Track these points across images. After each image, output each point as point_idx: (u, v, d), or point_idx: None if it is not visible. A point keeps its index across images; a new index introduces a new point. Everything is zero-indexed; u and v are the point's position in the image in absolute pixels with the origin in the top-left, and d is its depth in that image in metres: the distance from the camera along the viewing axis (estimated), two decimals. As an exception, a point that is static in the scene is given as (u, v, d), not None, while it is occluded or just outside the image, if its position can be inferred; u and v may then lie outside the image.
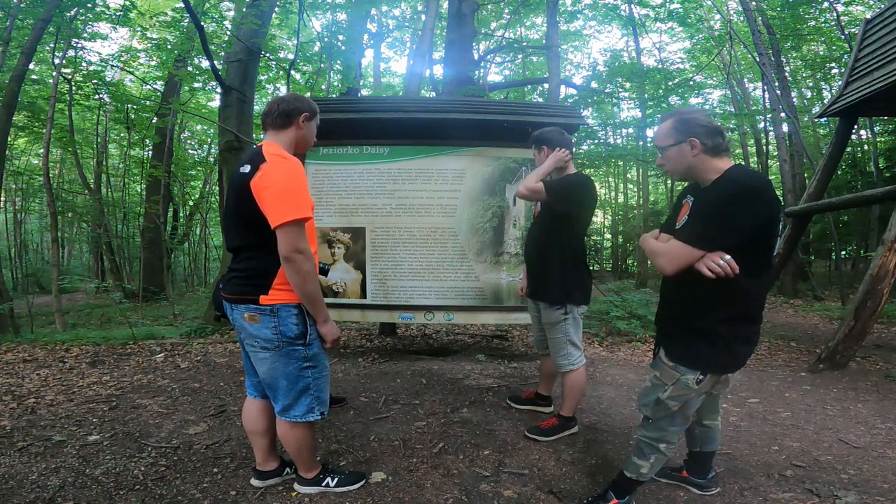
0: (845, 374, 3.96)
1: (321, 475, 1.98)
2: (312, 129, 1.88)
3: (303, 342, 1.72)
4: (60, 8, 7.10)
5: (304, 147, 1.90)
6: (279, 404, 1.79)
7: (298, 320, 1.71)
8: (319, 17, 10.95)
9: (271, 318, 1.68)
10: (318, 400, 1.80)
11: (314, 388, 1.78)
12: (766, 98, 10.92)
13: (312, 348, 1.75)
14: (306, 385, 1.77)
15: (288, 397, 1.77)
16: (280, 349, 1.71)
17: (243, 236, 1.71)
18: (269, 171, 1.60)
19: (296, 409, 1.78)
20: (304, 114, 1.80)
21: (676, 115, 1.65)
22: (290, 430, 1.83)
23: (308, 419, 1.80)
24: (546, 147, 2.50)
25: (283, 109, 1.77)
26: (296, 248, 1.58)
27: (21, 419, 2.71)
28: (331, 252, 4.07)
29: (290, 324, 1.69)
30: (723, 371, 1.68)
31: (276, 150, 1.69)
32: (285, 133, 1.79)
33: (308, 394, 1.78)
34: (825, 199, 5.77)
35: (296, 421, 1.79)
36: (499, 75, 15.41)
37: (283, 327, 1.69)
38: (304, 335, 1.72)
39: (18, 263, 15.38)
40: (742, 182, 1.52)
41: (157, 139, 11.17)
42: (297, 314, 1.70)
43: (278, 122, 1.78)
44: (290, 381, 1.75)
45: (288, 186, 1.60)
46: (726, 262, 1.48)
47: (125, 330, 5.57)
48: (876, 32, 4.74)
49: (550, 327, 2.48)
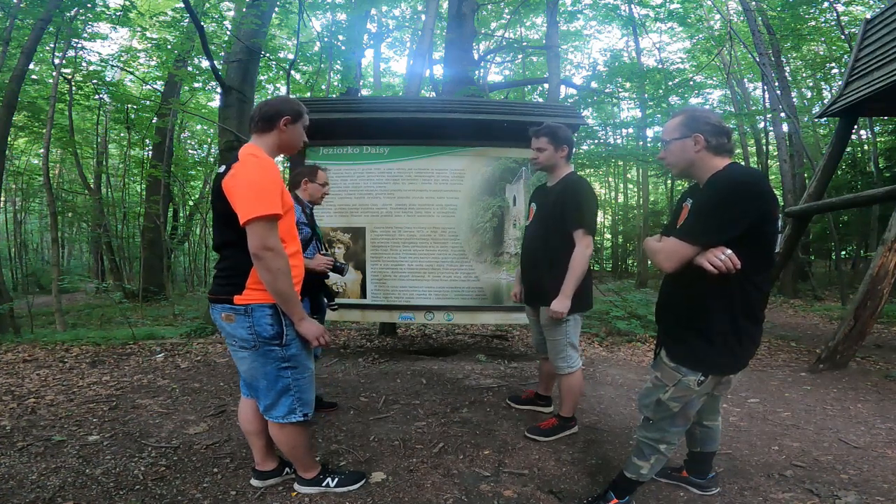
0: (845, 374, 3.96)
1: (321, 475, 1.97)
2: (297, 132, 1.84)
3: (279, 343, 1.69)
4: (60, 8, 7.10)
5: (290, 150, 1.87)
6: (262, 403, 1.79)
7: (273, 320, 1.67)
8: (319, 17, 10.94)
9: (245, 317, 1.66)
10: (300, 401, 1.78)
11: (295, 388, 1.76)
12: (766, 98, 10.93)
13: (290, 349, 1.72)
14: (286, 386, 1.74)
15: (268, 397, 1.76)
16: (257, 349, 1.69)
17: (223, 235, 1.72)
18: (240, 169, 1.61)
19: (277, 409, 1.77)
20: (285, 117, 1.77)
21: (688, 112, 1.67)
22: (279, 431, 1.82)
23: (290, 420, 1.77)
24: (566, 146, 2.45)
25: (265, 114, 1.76)
26: (264, 244, 1.56)
27: (21, 419, 2.71)
28: (331, 252, 4.07)
29: (265, 324, 1.67)
30: (724, 372, 1.68)
31: (252, 150, 1.69)
32: (268, 136, 1.78)
33: (289, 394, 1.76)
34: (825, 199, 5.76)
35: (279, 422, 1.78)
36: (499, 75, 15.43)
37: (257, 327, 1.66)
38: (279, 336, 1.68)
39: (18, 263, 15.39)
40: (734, 178, 1.52)
41: (157, 139, 11.17)
42: (271, 314, 1.67)
43: (260, 127, 1.77)
44: (269, 381, 1.73)
45: (255, 183, 1.58)
46: (727, 257, 1.47)
47: (125, 330, 5.57)
48: (876, 32, 4.74)
49: (550, 330, 2.47)
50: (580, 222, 2.31)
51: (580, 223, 2.31)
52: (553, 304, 2.33)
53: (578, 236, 2.32)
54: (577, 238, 2.32)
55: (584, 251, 2.31)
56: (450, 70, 8.13)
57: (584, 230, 2.31)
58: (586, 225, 2.31)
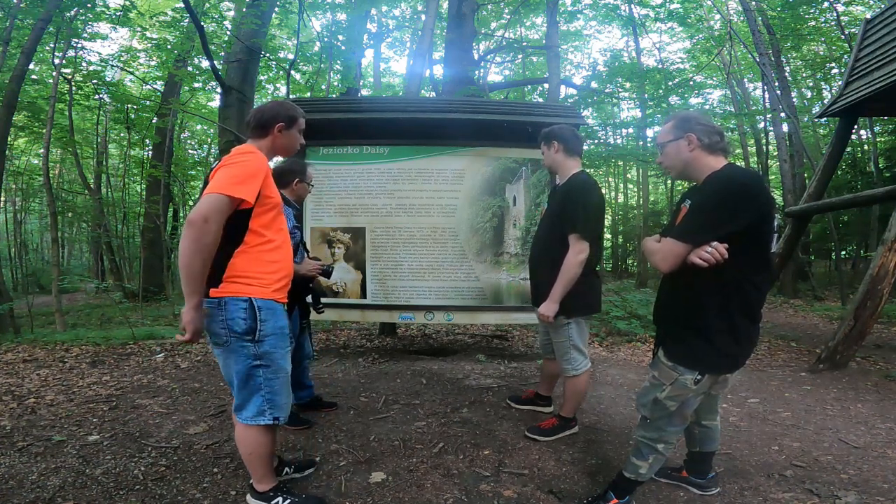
0: (845, 374, 3.96)
1: (272, 493, 1.81)
2: (292, 136, 1.84)
3: (251, 338, 1.63)
4: (60, 8, 7.10)
5: (285, 153, 1.90)
6: (235, 402, 1.74)
7: (247, 315, 1.62)
8: (319, 17, 10.95)
9: (219, 311, 1.62)
10: (270, 403, 1.70)
11: (266, 389, 1.69)
12: (766, 98, 10.93)
13: (263, 346, 1.66)
14: (257, 385, 1.68)
15: (240, 396, 1.70)
16: (229, 345, 1.64)
17: None
18: (226, 159, 1.63)
19: (246, 409, 1.70)
20: (279, 123, 1.77)
21: (678, 115, 1.72)
22: (242, 432, 1.74)
23: (258, 422, 1.69)
24: (556, 142, 2.43)
25: (259, 120, 1.77)
26: (205, 216, 1.49)
27: (21, 419, 2.71)
28: (331, 252, 4.07)
29: (238, 318, 1.61)
30: (721, 371, 1.69)
31: (247, 148, 1.71)
32: (263, 142, 1.79)
33: (259, 395, 1.68)
34: (825, 199, 5.77)
35: (247, 423, 1.70)
36: (499, 75, 15.43)
37: (230, 321, 1.61)
38: (252, 331, 1.63)
39: (18, 263, 15.39)
40: (731, 178, 1.54)
41: (157, 139, 11.17)
42: (245, 308, 1.62)
43: (255, 132, 1.78)
44: (241, 379, 1.67)
45: (235, 167, 1.58)
46: (714, 248, 1.49)
47: (125, 330, 5.57)
48: (876, 32, 4.74)
49: (554, 332, 2.47)
50: (574, 226, 2.26)
51: (574, 227, 2.26)
52: (541, 306, 2.33)
53: (572, 240, 2.27)
54: (571, 242, 2.27)
55: (575, 256, 2.25)
56: (450, 70, 8.13)
57: (577, 235, 2.26)
58: (580, 229, 2.25)
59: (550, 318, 2.31)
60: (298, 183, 2.57)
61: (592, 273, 2.43)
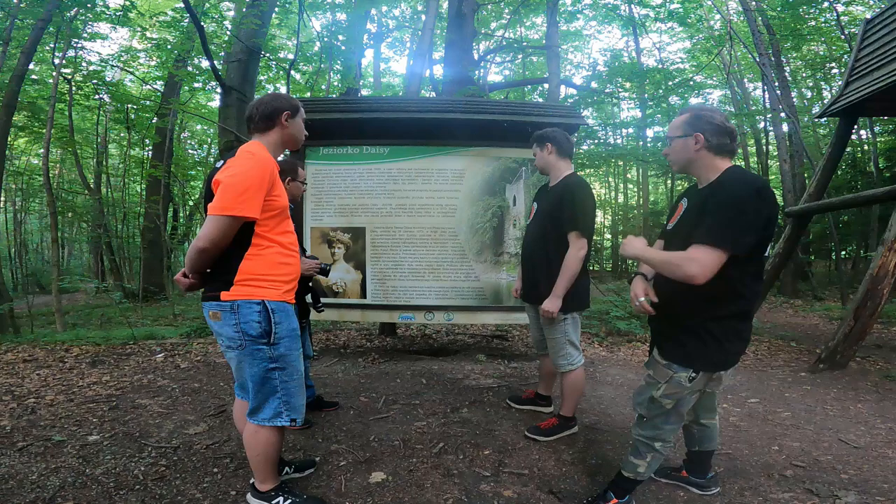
0: (845, 374, 3.96)
1: (273, 493, 1.81)
2: (298, 125, 1.83)
3: (266, 341, 1.63)
4: (60, 8, 7.11)
5: (293, 144, 1.86)
6: (250, 405, 1.73)
7: (261, 318, 1.61)
8: (319, 17, 10.96)
9: (232, 314, 1.61)
10: (287, 405, 1.70)
11: (283, 391, 1.69)
12: (766, 98, 10.93)
13: (279, 348, 1.66)
14: (274, 388, 1.68)
15: (256, 399, 1.70)
16: (244, 348, 1.63)
17: None
18: (232, 163, 1.59)
19: (263, 412, 1.70)
20: (285, 112, 1.75)
21: (694, 111, 1.68)
22: (254, 434, 1.72)
23: (276, 423, 1.70)
24: (550, 144, 2.51)
25: (264, 112, 1.74)
26: (212, 240, 1.53)
27: (21, 419, 2.71)
28: (331, 252, 4.07)
29: (252, 321, 1.61)
30: (715, 368, 1.69)
31: (252, 147, 1.66)
32: (270, 134, 1.76)
33: (276, 397, 1.69)
34: (825, 199, 5.76)
35: (262, 424, 1.70)
36: (499, 75, 15.44)
37: (244, 325, 1.61)
38: (267, 334, 1.63)
39: (18, 263, 15.39)
40: (749, 182, 1.53)
41: (157, 139, 11.18)
42: (259, 311, 1.61)
43: (261, 126, 1.75)
44: (257, 382, 1.67)
45: (237, 179, 1.55)
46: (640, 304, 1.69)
47: (125, 330, 5.57)
48: (876, 32, 4.74)
49: (549, 329, 2.49)
50: (574, 224, 2.35)
51: (574, 225, 2.35)
52: (545, 303, 2.39)
53: (572, 238, 2.36)
54: (571, 240, 2.36)
55: (577, 253, 2.35)
56: (450, 70, 8.13)
57: (578, 232, 2.35)
58: (581, 227, 2.35)
59: (556, 313, 2.36)
60: (291, 182, 2.56)
61: (584, 271, 2.51)
